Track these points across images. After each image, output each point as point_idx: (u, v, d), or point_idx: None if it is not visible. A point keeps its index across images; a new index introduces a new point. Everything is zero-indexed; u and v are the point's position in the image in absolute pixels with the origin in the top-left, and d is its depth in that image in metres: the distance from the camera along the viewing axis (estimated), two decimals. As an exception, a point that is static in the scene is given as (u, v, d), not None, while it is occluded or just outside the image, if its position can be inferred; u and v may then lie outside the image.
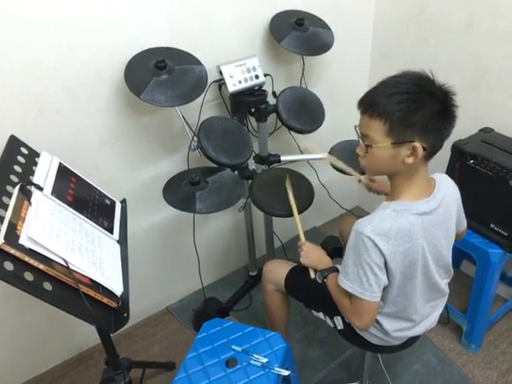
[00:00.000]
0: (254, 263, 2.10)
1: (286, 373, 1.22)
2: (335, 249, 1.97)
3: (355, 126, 1.05)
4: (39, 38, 1.24)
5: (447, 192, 1.10)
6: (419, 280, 1.12)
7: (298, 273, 1.40)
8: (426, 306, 1.22)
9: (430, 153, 1.00)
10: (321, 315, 1.37)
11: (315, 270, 1.25)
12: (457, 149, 1.54)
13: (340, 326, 1.31)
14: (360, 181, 1.48)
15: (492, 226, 1.54)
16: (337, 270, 1.20)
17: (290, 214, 1.43)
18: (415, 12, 1.81)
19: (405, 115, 0.94)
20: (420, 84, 0.95)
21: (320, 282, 1.21)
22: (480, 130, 1.63)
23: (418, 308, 1.18)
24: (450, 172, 1.56)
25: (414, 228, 1.02)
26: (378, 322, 1.18)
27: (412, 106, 0.93)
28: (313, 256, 1.28)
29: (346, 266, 1.08)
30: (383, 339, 1.23)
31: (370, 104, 0.98)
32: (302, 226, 1.39)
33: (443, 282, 1.21)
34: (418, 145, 0.95)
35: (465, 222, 1.25)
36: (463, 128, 1.09)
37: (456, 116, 0.98)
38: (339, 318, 1.30)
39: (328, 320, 1.35)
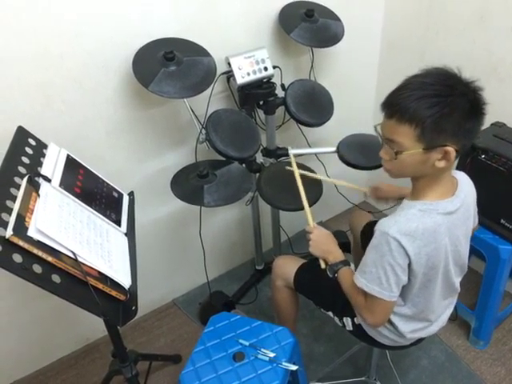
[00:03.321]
0: (260, 257, 2.10)
1: (293, 368, 1.21)
2: (342, 243, 1.96)
3: (375, 126, 1.00)
4: (45, 27, 1.22)
5: (468, 191, 1.08)
6: (439, 280, 1.10)
7: (308, 270, 1.39)
8: (442, 305, 1.21)
9: (460, 153, 0.95)
10: (330, 314, 1.36)
11: (326, 261, 1.22)
12: (468, 143, 1.51)
13: (349, 327, 1.30)
14: (366, 195, 1.48)
15: (502, 221, 1.52)
16: (348, 264, 1.19)
17: (298, 208, 1.41)
18: (426, 4, 1.77)
19: (437, 120, 0.89)
20: (450, 85, 0.90)
21: (331, 276, 1.19)
22: (492, 124, 1.60)
23: (435, 307, 1.17)
24: (461, 167, 1.54)
25: (439, 229, 1.00)
26: (392, 324, 1.16)
27: (445, 109, 0.88)
28: (322, 246, 1.22)
29: (364, 264, 1.05)
30: (396, 341, 1.22)
31: (397, 109, 0.92)
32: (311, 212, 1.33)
33: (458, 281, 1.20)
34: (450, 149, 0.91)
35: (477, 219, 1.23)
36: (475, 122, 1.07)
37: (485, 113, 0.94)
38: (349, 319, 1.29)
39: (337, 319, 1.34)
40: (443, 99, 0.89)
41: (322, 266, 1.22)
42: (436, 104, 0.89)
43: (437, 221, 0.99)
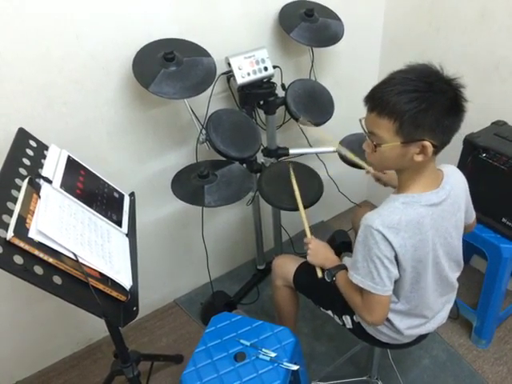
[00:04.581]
0: (261, 257, 2.10)
1: (294, 367, 1.21)
2: (344, 243, 1.96)
3: (360, 120, 1.03)
4: (46, 30, 1.23)
5: (455, 183, 1.09)
6: (430, 274, 1.11)
7: (307, 269, 1.39)
8: (438, 301, 1.21)
9: (439, 149, 0.98)
10: (329, 313, 1.36)
11: (322, 269, 1.24)
12: (469, 142, 1.51)
13: (349, 325, 1.30)
14: (368, 172, 1.47)
15: (504, 220, 1.51)
16: (345, 268, 1.19)
17: (298, 208, 1.41)
18: (427, 1, 1.77)
19: (415, 115, 0.91)
20: (430, 81, 0.92)
21: (329, 280, 1.20)
22: (493, 123, 1.60)
23: (431, 303, 1.17)
24: (462, 166, 1.53)
25: (423, 220, 1.01)
26: (389, 320, 1.17)
27: (422, 105, 0.91)
28: (319, 254, 1.27)
29: (355, 261, 1.06)
30: (395, 338, 1.22)
31: (378, 102, 0.95)
32: (309, 221, 1.37)
33: (454, 276, 1.20)
34: (427, 143, 0.94)
35: (474, 214, 1.24)
36: (475, 121, 1.07)
37: (465, 111, 0.96)
38: (348, 317, 1.30)
39: (336, 318, 1.34)
40: (422, 94, 0.91)
41: (319, 275, 1.24)
42: (415, 99, 0.91)
43: (420, 212, 1.01)
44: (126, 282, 1.09)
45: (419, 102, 0.91)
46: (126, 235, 1.24)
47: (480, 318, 1.71)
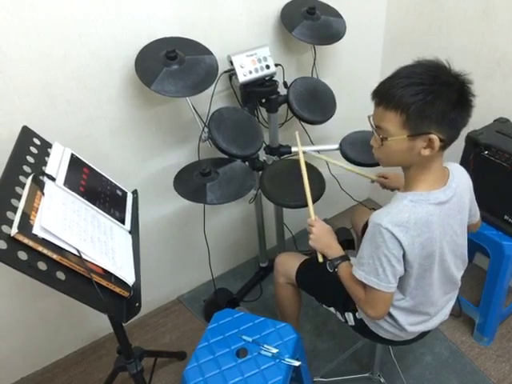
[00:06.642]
0: (264, 254, 2.10)
1: (296, 363, 1.22)
2: (346, 241, 1.97)
3: (369, 116, 1.03)
4: (49, 28, 1.24)
5: (461, 181, 1.09)
6: (436, 271, 1.11)
7: (310, 267, 1.39)
8: (442, 299, 1.21)
9: (447, 143, 0.98)
10: (332, 310, 1.37)
11: (324, 256, 1.23)
12: (471, 139, 1.51)
13: (351, 322, 1.31)
14: (373, 181, 1.48)
15: (506, 217, 1.51)
16: (348, 258, 1.20)
17: (301, 205, 1.41)
18: (429, -1, 1.77)
19: (421, 107, 0.92)
20: (436, 74, 0.93)
21: (331, 271, 1.20)
22: (495, 120, 1.60)
23: (435, 300, 1.18)
24: (464, 163, 1.53)
25: (431, 218, 1.01)
26: (393, 317, 1.17)
27: (428, 97, 0.91)
28: (323, 240, 1.24)
29: (361, 257, 1.07)
30: (398, 335, 1.23)
31: (384, 95, 0.96)
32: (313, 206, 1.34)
33: (459, 274, 1.20)
34: (434, 137, 0.94)
35: (478, 214, 1.23)
36: (478, 118, 1.07)
37: (473, 106, 0.96)
38: (350, 314, 1.30)
39: (339, 315, 1.35)
40: (428, 87, 0.92)
41: (320, 259, 1.23)
42: (421, 91, 0.92)
43: (429, 211, 1.01)
44: (129, 278, 1.09)
45: (425, 94, 0.91)
46: (129, 232, 1.25)
47: (482, 315, 1.71)
